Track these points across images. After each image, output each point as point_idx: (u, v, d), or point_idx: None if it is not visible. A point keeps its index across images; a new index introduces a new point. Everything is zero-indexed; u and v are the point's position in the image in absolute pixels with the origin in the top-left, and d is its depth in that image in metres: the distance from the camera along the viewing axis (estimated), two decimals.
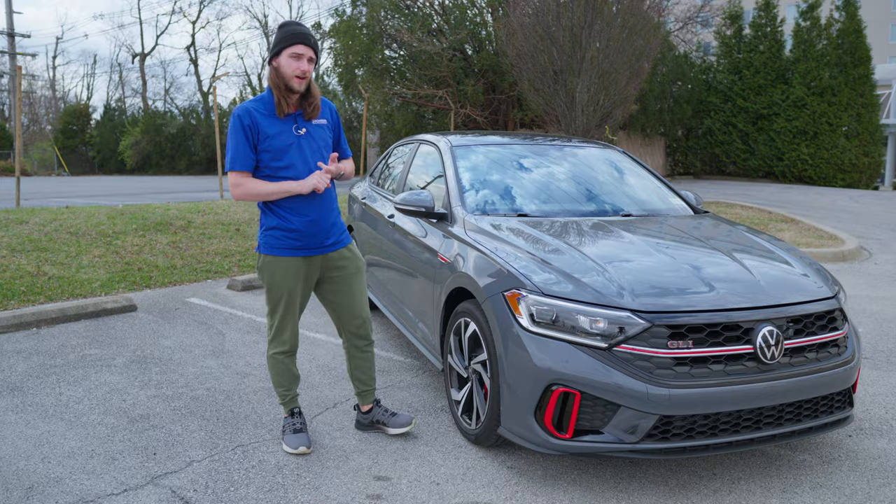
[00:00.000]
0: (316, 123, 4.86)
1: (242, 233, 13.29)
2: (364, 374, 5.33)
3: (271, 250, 4.83)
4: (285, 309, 4.94)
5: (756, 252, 5.27)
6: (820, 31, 34.92)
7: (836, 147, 34.51)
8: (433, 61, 32.41)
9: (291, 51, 4.61)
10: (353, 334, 5.23)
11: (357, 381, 5.33)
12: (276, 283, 4.88)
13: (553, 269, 4.64)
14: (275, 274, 4.86)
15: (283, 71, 4.63)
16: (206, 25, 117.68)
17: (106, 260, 10.68)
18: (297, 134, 4.74)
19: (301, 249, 4.85)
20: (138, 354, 7.04)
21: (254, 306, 9.03)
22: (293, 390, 5.18)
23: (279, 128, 4.70)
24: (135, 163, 60.37)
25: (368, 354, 5.32)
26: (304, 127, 4.78)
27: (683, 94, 36.63)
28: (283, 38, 4.63)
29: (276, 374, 5.12)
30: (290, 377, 5.15)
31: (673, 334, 4.22)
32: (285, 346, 5.05)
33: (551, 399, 4.28)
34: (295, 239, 4.81)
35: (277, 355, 5.07)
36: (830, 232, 15.49)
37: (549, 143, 7.41)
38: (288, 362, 5.10)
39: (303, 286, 4.96)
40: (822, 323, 4.64)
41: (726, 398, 4.19)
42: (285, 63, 4.62)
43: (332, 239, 4.97)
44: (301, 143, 4.75)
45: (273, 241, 4.83)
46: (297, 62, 4.61)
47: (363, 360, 5.31)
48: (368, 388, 5.35)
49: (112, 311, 8.51)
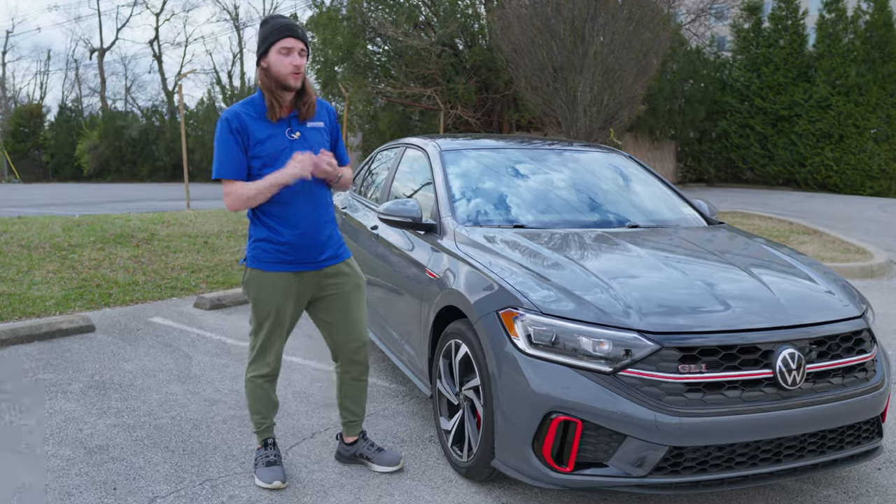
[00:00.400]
0: (311, 126, 4.82)
1: (211, 246, 13.29)
2: (355, 403, 5.31)
3: (259, 264, 4.80)
4: (271, 328, 4.91)
5: (776, 267, 5.28)
6: (846, 23, 35.02)
7: (863, 151, 34.60)
8: (421, 57, 32.48)
9: (280, 45, 4.56)
10: (349, 360, 5.19)
11: (346, 410, 5.31)
12: (262, 299, 4.85)
13: (552, 286, 4.64)
14: (262, 289, 4.83)
15: (276, 69, 4.58)
16: (172, 18, 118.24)
17: (61, 276, 10.66)
18: (290, 138, 4.71)
19: (292, 264, 4.82)
20: (97, 379, 7.02)
21: (223, 326, 9.03)
22: (270, 419, 5.17)
23: (271, 131, 4.66)
24: (93, 168, 60.34)
25: (363, 383, 5.30)
26: (298, 130, 4.75)
27: (696, 94, 36.75)
28: (270, 34, 4.59)
29: (253, 399, 5.10)
30: (269, 404, 5.14)
31: (684, 357, 4.21)
32: (267, 368, 5.02)
33: (550, 428, 4.27)
34: (286, 252, 4.78)
35: (257, 379, 5.04)
36: (857, 245, 15.50)
37: (548, 148, 7.42)
38: (268, 388, 5.08)
39: (293, 304, 4.94)
40: (848, 345, 4.64)
41: (743, 428, 4.19)
42: (276, 60, 4.57)
43: (328, 253, 4.94)
44: (295, 147, 4.69)
45: (261, 255, 4.80)
46: (288, 57, 4.57)
47: (356, 388, 5.28)
48: (357, 418, 5.34)
49: (68, 332, 8.48)
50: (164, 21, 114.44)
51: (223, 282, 11.09)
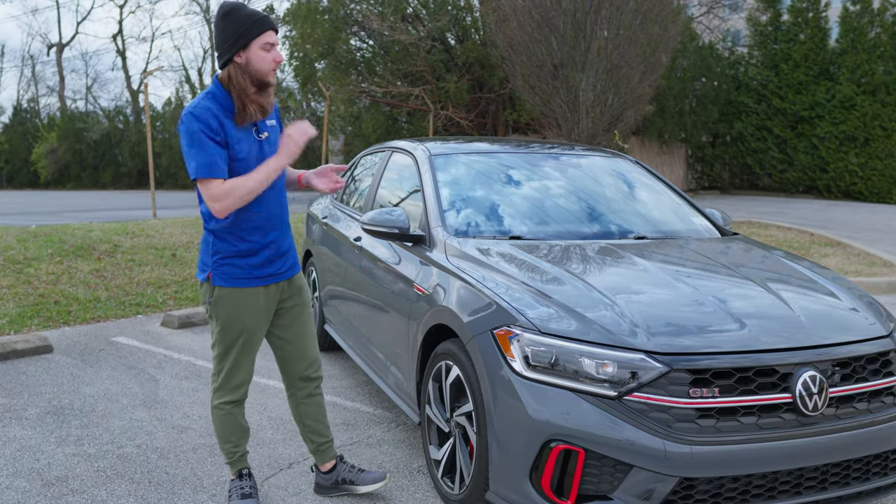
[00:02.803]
0: (270, 124, 4.81)
1: (179, 259, 13.29)
2: (318, 422, 5.29)
3: (230, 281, 4.74)
4: (241, 350, 4.88)
5: (795, 282, 5.29)
6: (872, 16, 35.13)
7: (891, 156, 34.69)
8: (408, 53, 32.55)
9: (264, 41, 4.51)
10: (301, 378, 5.19)
11: (311, 433, 5.29)
12: (234, 319, 4.80)
13: (552, 303, 4.65)
14: (234, 309, 4.78)
15: (257, 66, 4.52)
16: (137, 10, 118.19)
17: (15, 291, 10.66)
18: (258, 139, 4.69)
19: (264, 278, 4.81)
20: (55, 405, 7.01)
21: (192, 347, 9.02)
22: (242, 446, 5.15)
23: (241, 133, 4.59)
24: (50, 175, 60.35)
25: (319, 398, 5.30)
26: (264, 130, 4.74)
27: (708, 93, 36.83)
28: (250, 27, 4.50)
29: (222, 427, 5.06)
30: (240, 431, 5.10)
31: (696, 380, 4.21)
32: (235, 394, 4.99)
33: (550, 458, 4.27)
34: (259, 266, 4.77)
35: (224, 405, 5.00)
36: (885, 258, 15.53)
37: (547, 152, 7.43)
38: (237, 413, 5.06)
39: (264, 322, 4.94)
40: (874, 367, 4.63)
41: (760, 457, 4.19)
42: (258, 56, 4.51)
43: (290, 262, 4.97)
44: (263, 149, 4.69)
45: (232, 270, 4.74)
46: (270, 53, 4.54)
47: (314, 405, 5.27)
48: (326, 439, 5.32)
49: (23, 353, 8.48)
50: (129, 14, 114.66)
51: (192, 298, 11.09)
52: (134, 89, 71.07)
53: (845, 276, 7.98)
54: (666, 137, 36.05)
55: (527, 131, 33.08)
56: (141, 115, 59.57)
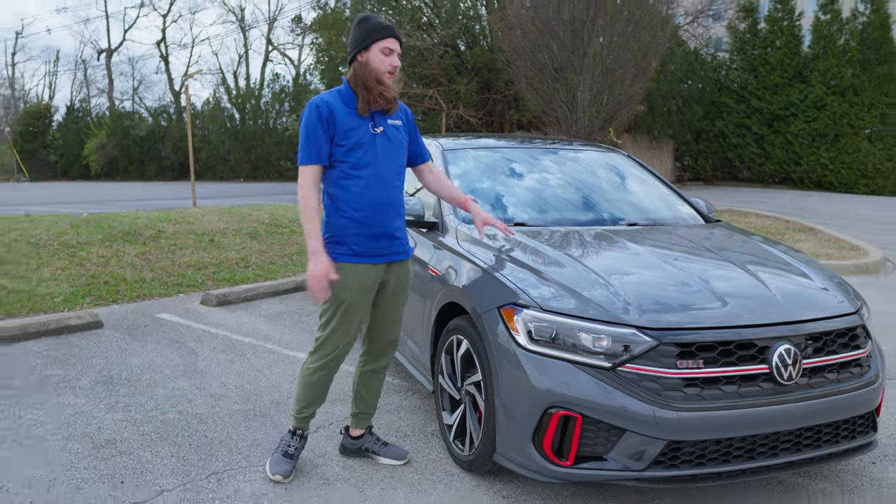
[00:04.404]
0: (392, 123, 4.90)
1: (217, 243, 13.29)
2: (370, 394, 5.34)
3: None
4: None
5: (772, 264, 5.28)
6: (842, 25, 35.08)
7: (858, 151, 34.64)
8: (423, 58, 32.47)
9: (383, 45, 4.67)
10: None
11: (360, 400, 5.33)
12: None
13: (553, 283, 4.65)
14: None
15: (374, 66, 4.67)
16: (178, 19, 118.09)
17: (69, 273, 10.67)
18: (373, 132, 4.77)
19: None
20: (104, 375, 7.02)
21: (228, 322, 9.04)
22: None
23: (356, 123, 4.72)
24: (100, 168, 60.28)
25: (382, 375, 5.39)
26: (381, 125, 4.82)
27: (693, 94, 36.78)
28: (373, 31, 4.68)
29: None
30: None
31: (682, 353, 4.22)
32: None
33: (551, 423, 4.28)
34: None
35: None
36: (853, 242, 15.52)
37: (548, 147, 7.42)
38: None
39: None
40: (843, 341, 4.64)
41: (740, 422, 4.19)
42: (376, 58, 4.67)
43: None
44: (377, 142, 4.78)
45: None
46: (389, 57, 4.68)
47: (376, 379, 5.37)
48: (368, 411, 5.36)
49: (76, 328, 8.48)
50: (171, 23, 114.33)
51: (228, 279, 11.10)
52: (176, 91, 70.95)
53: (817, 259, 7.97)
54: (655, 134, 35.97)
55: (530, 128, 33.00)
56: (182, 114, 59.44)
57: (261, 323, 9.10)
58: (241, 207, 17.64)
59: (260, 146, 53.83)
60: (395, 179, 4.87)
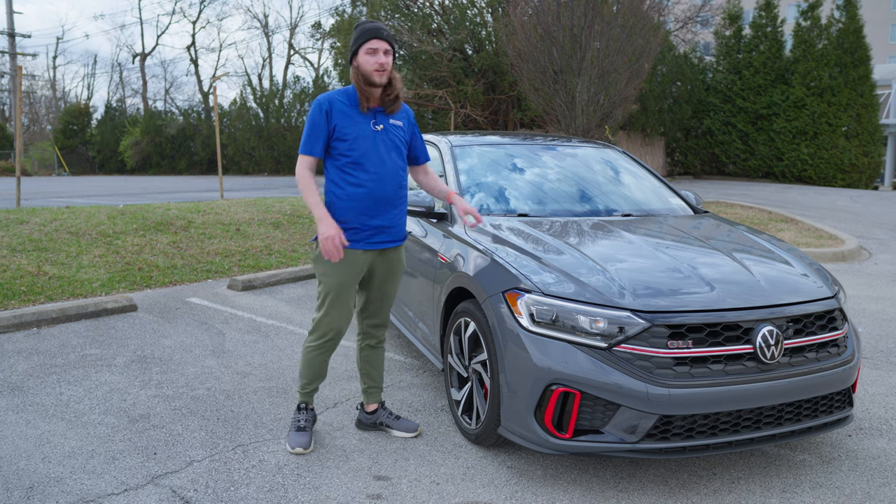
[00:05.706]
0: (393, 123, 4.95)
1: (243, 233, 13.29)
2: (373, 369, 5.37)
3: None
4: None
5: (756, 252, 5.27)
6: (820, 31, 34.92)
7: (835, 147, 34.51)
8: (433, 61, 32.45)
9: (367, 47, 4.73)
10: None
11: (366, 376, 5.37)
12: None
13: (553, 269, 4.64)
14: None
15: (363, 68, 4.74)
16: (207, 25, 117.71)
17: (106, 260, 10.69)
18: (374, 129, 4.83)
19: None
20: (139, 354, 7.04)
21: (253, 306, 9.05)
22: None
23: (357, 119, 4.80)
24: (135, 163, 60.38)
25: (380, 350, 5.41)
26: (381, 123, 4.87)
27: (683, 94, 36.66)
28: (358, 37, 4.77)
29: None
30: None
31: (673, 334, 4.22)
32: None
33: (551, 399, 4.28)
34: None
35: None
36: (830, 232, 15.49)
37: (548, 143, 7.41)
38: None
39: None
40: (821, 323, 4.64)
41: (726, 398, 4.19)
42: (363, 60, 4.73)
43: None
44: (377, 138, 4.83)
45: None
46: (373, 57, 4.72)
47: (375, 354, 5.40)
48: (375, 385, 5.38)
49: (112, 311, 8.51)
50: (200, 28, 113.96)
51: (254, 265, 11.11)
52: (204, 92, 70.95)
53: (798, 247, 7.96)
54: (648, 131, 35.84)
55: (532, 126, 32.92)
56: (210, 113, 59.41)
57: (283, 306, 9.11)
58: (265, 199, 17.64)
59: (282, 143, 53.85)
60: (393, 175, 4.89)
